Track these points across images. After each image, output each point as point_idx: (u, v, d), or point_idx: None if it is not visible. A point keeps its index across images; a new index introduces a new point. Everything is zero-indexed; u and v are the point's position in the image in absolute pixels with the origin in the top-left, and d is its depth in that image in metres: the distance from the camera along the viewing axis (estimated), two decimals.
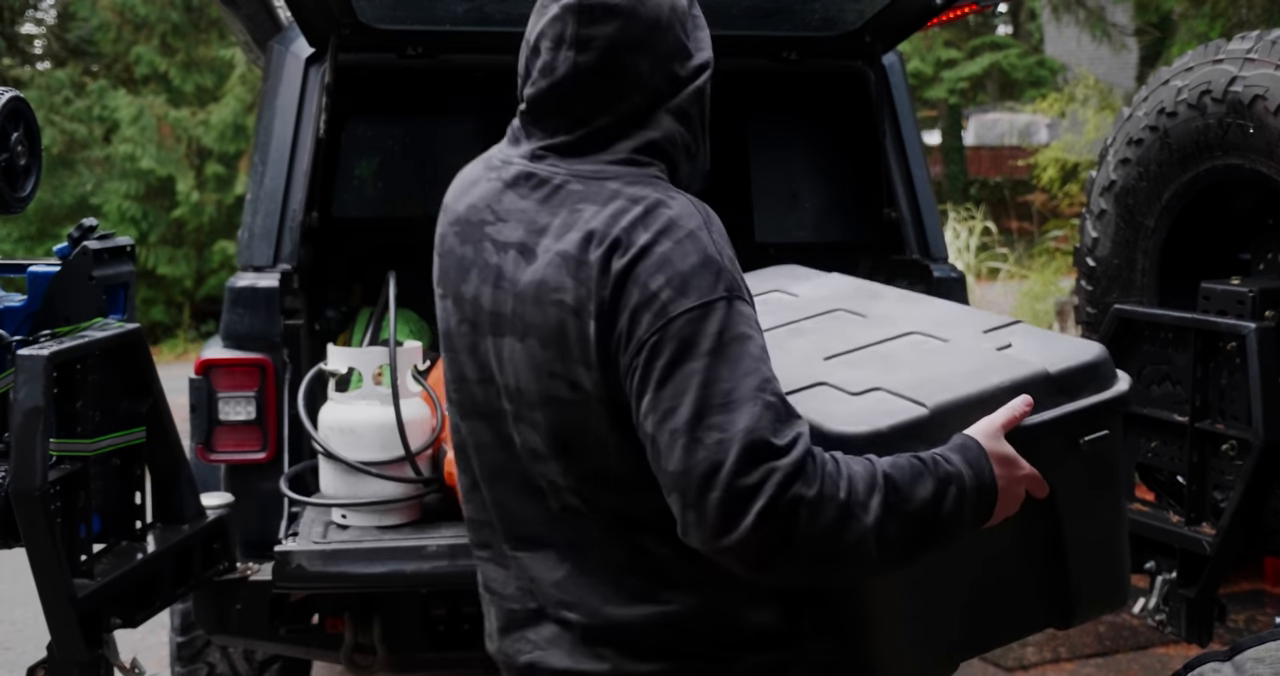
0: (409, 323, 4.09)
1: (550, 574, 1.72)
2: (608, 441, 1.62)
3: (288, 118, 3.59)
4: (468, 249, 1.74)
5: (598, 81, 1.67)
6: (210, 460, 3.26)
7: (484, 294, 1.71)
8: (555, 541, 1.72)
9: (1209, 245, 3.02)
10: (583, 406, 1.62)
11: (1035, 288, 11.90)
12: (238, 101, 16.09)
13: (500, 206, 1.72)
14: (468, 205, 1.77)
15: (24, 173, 2.70)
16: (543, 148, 1.71)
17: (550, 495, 1.70)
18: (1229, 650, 1.72)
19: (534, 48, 1.74)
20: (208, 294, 16.81)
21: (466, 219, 1.76)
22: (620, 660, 1.69)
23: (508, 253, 1.68)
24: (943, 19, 3.82)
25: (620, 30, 1.65)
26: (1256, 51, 2.71)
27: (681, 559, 1.63)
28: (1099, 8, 12.05)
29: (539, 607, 1.75)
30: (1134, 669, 5.00)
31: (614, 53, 1.66)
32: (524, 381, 1.66)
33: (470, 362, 1.75)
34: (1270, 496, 2.60)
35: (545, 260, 1.63)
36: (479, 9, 3.49)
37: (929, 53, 21.26)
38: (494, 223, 1.71)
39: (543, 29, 1.71)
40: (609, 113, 1.68)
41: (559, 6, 1.69)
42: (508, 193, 1.72)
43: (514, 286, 1.66)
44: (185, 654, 3.81)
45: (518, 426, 1.69)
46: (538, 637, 1.75)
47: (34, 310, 2.64)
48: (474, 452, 1.79)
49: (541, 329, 1.63)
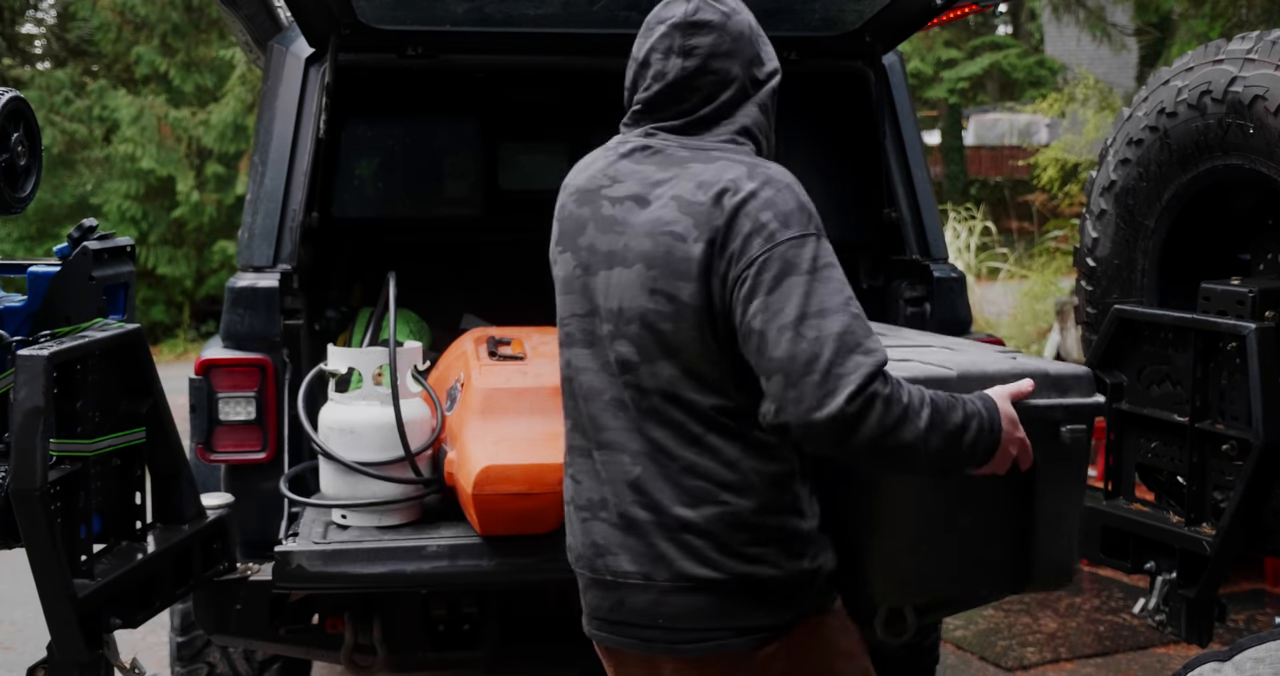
0: (409, 323, 4.09)
1: (626, 475, 2.06)
2: (695, 345, 2.00)
3: (288, 118, 3.59)
4: (584, 210, 2.15)
5: (701, 79, 2.10)
6: (210, 460, 3.26)
7: (599, 240, 2.11)
8: (632, 446, 2.06)
9: (1209, 245, 3.02)
10: (677, 316, 2.00)
11: (1035, 288, 11.89)
12: (238, 101, 16.08)
13: (615, 171, 2.13)
14: (587, 177, 2.18)
15: (24, 173, 2.70)
16: (655, 127, 2.14)
17: (633, 404, 2.05)
18: (1229, 650, 1.72)
19: (644, 61, 2.15)
20: (208, 294, 16.82)
21: (585, 188, 2.17)
22: (681, 560, 2.01)
23: (623, 204, 2.09)
24: (943, 19, 3.82)
25: (715, 41, 2.11)
26: (1256, 52, 2.71)
27: (745, 459, 2.01)
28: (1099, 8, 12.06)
29: (614, 512, 2.07)
30: (1134, 669, 5.00)
31: (712, 58, 2.11)
32: (626, 300, 2.05)
33: (580, 300, 2.13)
34: (1270, 496, 2.60)
35: (659, 204, 2.04)
36: (479, 9, 3.49)
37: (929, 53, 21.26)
38: (610, 185, 2.13)
39: (653, 44, 2.14)
40: (710, 103, 2.11)
41: (667, 25, 2.13)
42: (623, 161, 2.14)
43: (628, 227, 2.07)
44: (185, 654, 3.81)
45: (614, 344, 2.07)
46: (606, 540, 2.09)
47: (34, 310, 2.64)
48: (576, 376, 2.15)
49: (650, 255, 2.02)
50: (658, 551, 2.03)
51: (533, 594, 3.32)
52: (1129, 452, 2.92)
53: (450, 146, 5.38)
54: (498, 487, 2.78)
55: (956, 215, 13.17)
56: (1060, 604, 5.78)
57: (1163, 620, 2.73)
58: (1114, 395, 2.91)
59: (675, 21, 2.12)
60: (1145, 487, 2.95)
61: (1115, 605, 5.72)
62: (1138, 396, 2.88)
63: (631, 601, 2.06)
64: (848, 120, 4.07)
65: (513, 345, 3.29)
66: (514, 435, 2.90)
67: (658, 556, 2.03)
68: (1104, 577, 6.10)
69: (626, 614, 2.08)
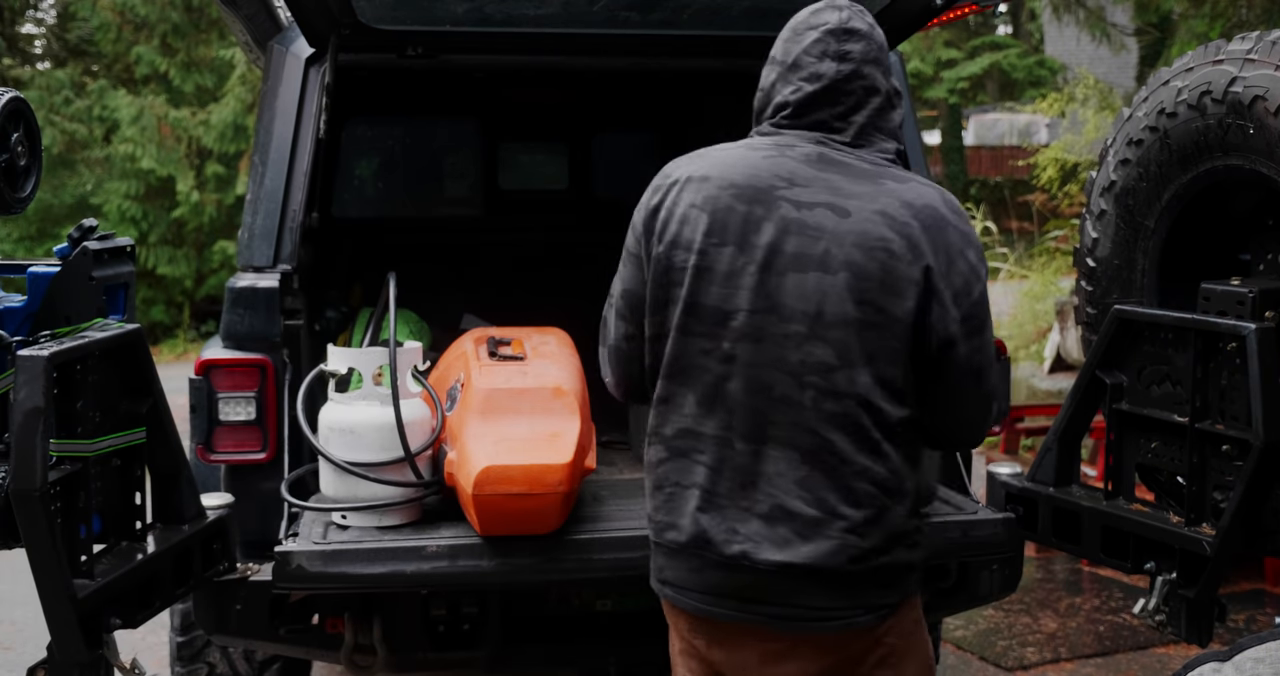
0: (409, 323, 4.09)
1: (792, 472, 2.15)
2: (894, 356, 2.14)
3: (288, 118, 3.59)
4: (757, 208, 2.19)
5: (853, 84, 2.24)
6: (210, 460, 3.26)
7: (785, 241, 2.17)
8: (802, 445, 2.14)
9: (1209, 245, 3.02)
10: (883, 327, 2.13)
11: (1035, 288, 11.90)
12: (238, 101, 16.08)
13: (790, 174, 2.20)
14: (747, 175, 2.22)
15: (24, 173, 2.70)
16: (827, 137, 2.25)
17: (813, 405, 2.14)
18: (1229, 650, 1.72)
19: (793, 64, 2.27)
20: (208, 294, 16.83)
21: (750, 185, 2.21)
22: (833, 555, 2.14)
23: (814, 210, 2.17)
24: (943, 19, 3.82)
25: (865, 48, 2.26)
26: (1256, 52, 2.71)
27: (904, 467, 2.19)
28: (1099, 8, 12.05)
29: (759, 503, 2.16)
30: (1134, 669, 5.00)
31: (864, 64, 2.25)
32: (829, 305, 2.13)
33: (753, 296, 2.17)
34: (1270, 496, 2.59)
35: (863, 216, 2.15)
36: (479, 9, 3.49)
37: (929, 53, 21.27)
38: (786, 187, 2.19)
39: (805, 49, 2.26)
40: (862, 109, 2.25)
41: (820, 31, 2.26)
42: (798, 165, 2.21)
43: (825, 233, 2.15)
44: (185, 654, 3.81)
45: (806, 345, 2.14)
46: (748, 530, 2.17)
47: (34, 310, 2.64)
48: (736, 368, 2.18)
49: (860, 267, 2.13)
50: (810, 545, 2.14)
51: (533, 594, 3.32)
52: (1129, 452, 2.92)
53: (450, 146, 5.38)
54: (498, 488, 2.78)
55: None
56: (1060, 604, 5.78)
57: (1163, 620, 2.72)
58: (1114, 395, 2.91)
59: (830, 27, 2.26)
60: (1145, 487, 2.95)
61: (1115, 605, 5.72)
62: (1138, 396, 2.88)
63: (768, 585, 2.17)
64: None
65: (513, 345, 3.29)
66: (514, 435, 2.90)
67: (809, 549, 2.14)
68: (1104, 577, 6.11)
69: (758, 594, 2.18)
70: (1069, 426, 3.04)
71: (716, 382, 2.20)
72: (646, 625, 3.30)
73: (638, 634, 3.34)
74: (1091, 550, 2.93)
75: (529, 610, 3.34)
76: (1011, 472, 3.22)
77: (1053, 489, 3.03)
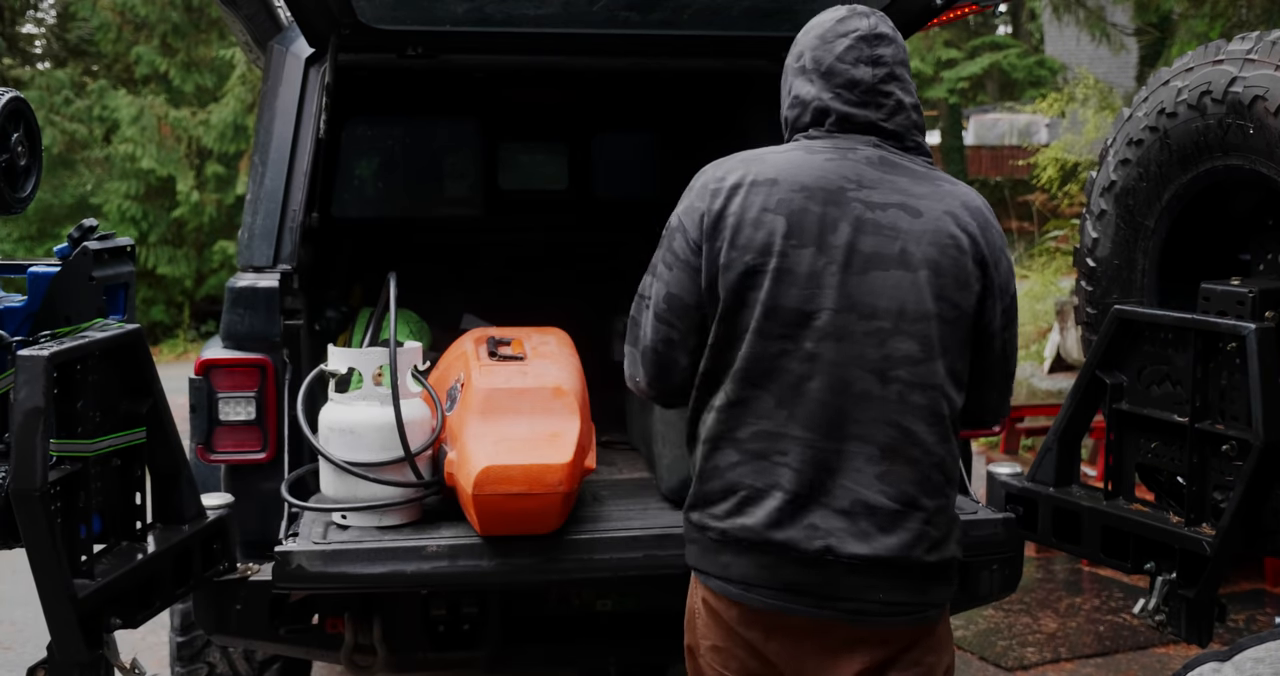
0: (409, 323, 4.09)
1: (871, 467, 2.23)
2: (960, 347, 2.29)
3: (288, 118, 3.59)
4: (831, 209, 2.26)
5: (890, 85, 2.34)
6: (210, 460, 3.26)
7: (861, 241, 2.25)
8: (880, 439, 2.23)
9: (1209, 245, 3.02)
10: (956, 321, 2.27)
11: (1035, 288, 11.90)
12: (238, 101, 16.08)
13: (858, 177, 2.28)
14: (816, 177, 2.28)
15: (24, 173, 2.71)
16: (881, 141, 2.34)
17: (897, 398, 2.23)
18: (1229, 650, 1.72)
19: (828, 71, 2.34)
20: (208, 294, 16.82)
21: (820, 187, 2.27)
22: (913, 547, 2.24)
23: (887, 210, 2.26)
24: (943, 19, 3.82)
25: (895, 51, 2.36)
26: (1256, 52, 2.71)
27: (956, 455, 2.33)
28: (1099, 8, 12.05)
29: (839, 498, 2.22)
30: (1134, 669, 5.00)
31: (895, 65, 2.35)
32: (910, 302, 2.24)
33: (833, 295, 2.23)
34: (1270, 496, 2.59)
35: (933, 216, 2.28)
36: (479, 9, 3.49)
37: (929, 53, 21.26)
38: (856, 189, 2.27)
39: (839, 55, 2.34)
40: (902, 113, 2.35)
41: (853, 37, 2.34)
42: (866, 168, 2.30)
43: (900, 233, 2.25)
44: (185, 654, 3.81)
45: (891, 340, 2.23)
46: (828, 526, 2.22)
47: (34, 310, 2.64)
48: (821, 366, 2.23)
49: (937, 263, 2.25)
50: (892, 537, 2.23)
51: (533, 594, 3.32)
52: (1129, 452, 2.92)
53: (450, 146, 5.38)
54: (497, 488, 2.78)
55: None
56: (1060, 604, 5.78)
57: (1163, 620, 2.72)
58: (1114, 395, 2.91)
59: (861, 33, 2.35)
60: (1145, 487, 2.95)
61: (1115, 605, 5.72)
62: (1138, 396, 2.88)
63: (848, 580, 2.23)
64: None
65: (513, 345, 3.29)
66: (514, 435, 2.90)
67: (891, 541, 2.23)
68: (1104, 577, 6.11)
69: (835, 590, 2.24)
70: (1069, 426, 3.04)
71: (797, 383, 2.24)
72: (646, 625, 3.30)
73: (638, 634, 3.34)
74: (1091, 550, 2.93)
75: (529, 610, 3.34)
76: (1011, 472, 3.22)
77: (1053, 489, 3.03)
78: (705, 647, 2.41)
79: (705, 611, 2.39)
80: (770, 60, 3.82)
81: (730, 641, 2.37)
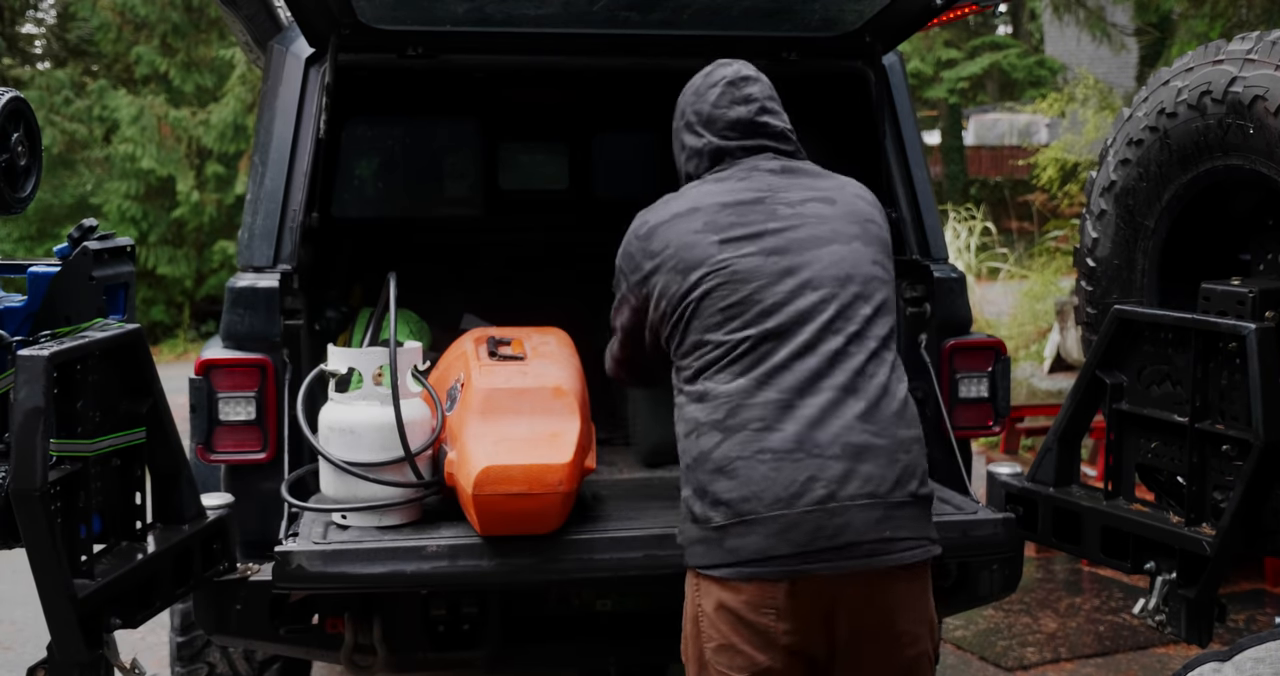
0: (409, 323, 4.09)
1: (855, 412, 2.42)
2: (892, 302, 2.61)
3: (288, 118, 3.59)
4: (755, 214, 2.57)
5: (765, 118, 2.70)
6: (210, 460, 3.26)
7: (797, 230, 2.56)
8: (861, 387, 2.45)
9: (1209, 246, 3.02)
10: (888, 279, 2.62)
11: (1035, 288, 11.90)
12: (238, 101, 16.08)
13: (773, 185, 2.63)
14: (732, 196, 2.60)
15: (24, 173, 2.71)
16: (779, 154, 2.70)
17: (863, 353, 2.47)
18: (1229, 650, 1.72)
19: (708, 120, 2.70)
20: (208, 294, 16.83)
21: (738, 201, 2.59)
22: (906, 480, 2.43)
23: (806, 205, 2.60)
24: (943, 19, 3.82)
25: (761, 87, 2.73)
26: (1256, 52, 2.71)
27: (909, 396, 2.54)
28: (1099, 8, 12.05)
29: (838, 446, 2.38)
30: (1134, 669, 5.00)
31: (766, 100, 2.72)
32: (856, 269, 2.55)
33: (789, 279, 2.50)
34: (1270, 496, 2.60)
35: (845, 199, 2.65)
36: (479, 9, 3.48)
37: (929, 53, 21.26)
38: (774, 193, 2.61)
39: (714, 102, 2.70)
40: (782, 136, 2.71)
41: (722, 84, 2.71)
42: (773, 178, 2.65)
43: (827, 219, 2.59)
44: (185, 654, 3.82)
45: (857, 303, 2.51)
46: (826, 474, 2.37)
47: (34, 310, 2.64)
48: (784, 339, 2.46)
49: (863, 236, 2.60)
50: (885, 471, 2.40)
51: (533, 594, 3.32)
52: (1129, 452, 2.92)
53: (450, 146, 5.37)
54: (498, 488, 2.78)
55: (956, 215, 13.17)
56: (1060, 604, 5.78)
57: (1163, 620, 2.72)
58: (1114, 395, 2.91)
59: (728, 79, 2.71)
60: (1145, 487, 2.95)
61: (1115, 605, 5.72)
62: (1138, 396, 2.88)
63: (858, 520, 2.37)
64: (848, 120, 4.07)
65: (513, 345, 3.28)
66: (514, 435, 2.90)
67: (885, 476, 2.40)
68: (1104, 577, 6.11)
69: (851, 535, 2.36)
70: (1069, 426, 3.04)
71: (768, 354, 2.46)
72: (646, 625, 3.30)
73: (638, 634, 3.34)
74: (1091, 550, 2.93)
75: (529, 610, 3.34)
76: (1011, 472, 3.22)
77: (1053, 489, 3.03)
78: (711, 650, 2.42)
79: (712, 611, 2.40)
80: (770, 60, 3.82)
81: (740, 634, 2.38)
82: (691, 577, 2.48)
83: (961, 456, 3.53)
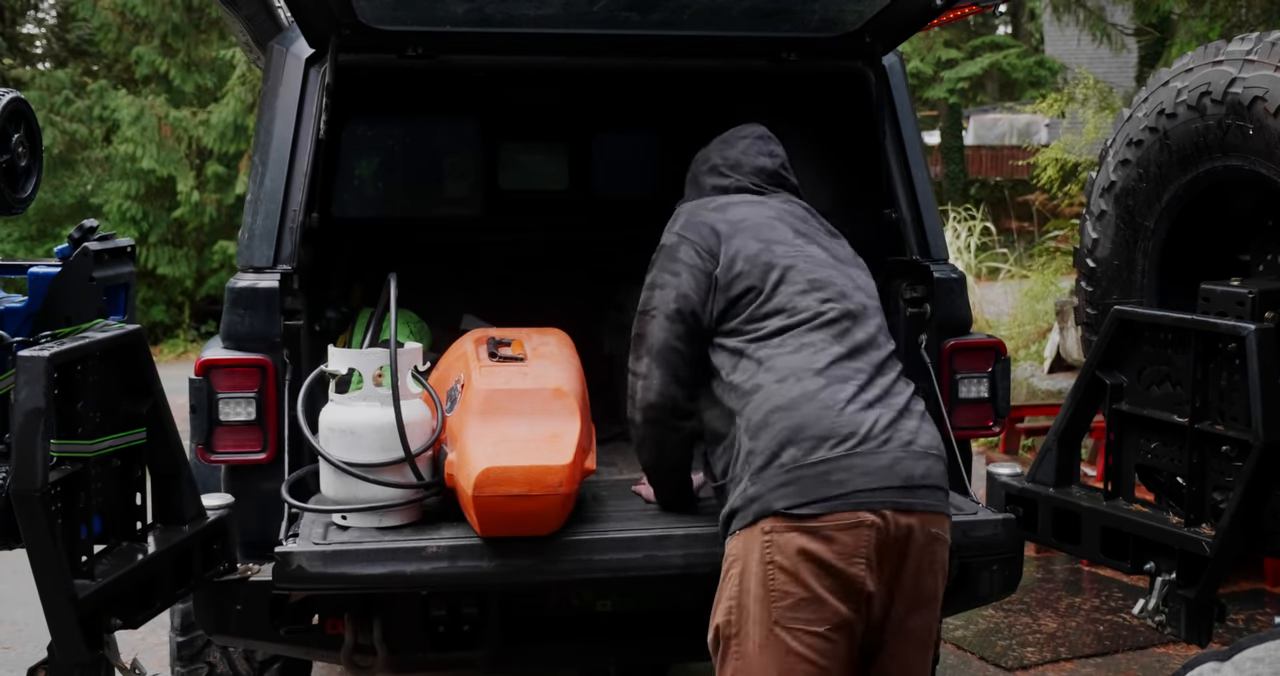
0: (409, 323, 4.09)
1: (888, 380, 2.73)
2: None
3: (288, 118, 3.59)
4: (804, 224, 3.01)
5: (785, 173, 3.16)
6: (210, 460, 3.26)
7: (818, 253, 2.92)
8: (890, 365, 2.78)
9: (1209, 246, 3.02)
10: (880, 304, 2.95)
11: (1035, 288, 11.90)
12: (238, 101, 16.10)
13: (780, 211, 3.00)
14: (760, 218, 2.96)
15: (25, 173, 2.71)
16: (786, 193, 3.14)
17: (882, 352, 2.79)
18: (1229, 650, 1.72)
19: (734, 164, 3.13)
20: (208, 294, 16.84)
21: (757, 224, 2.93)
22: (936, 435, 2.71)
23: (822, 234, 3.02)
24: (943, 19, 3.82)
25: (782, 149, 3.19)
26: (1256, 53, 2.71)
27: None
28: (1099, 8, 12.04)
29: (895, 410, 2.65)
30: (1134, 669, 5.00)
31: (785, 160, 3.17)
32: (860, 280, 2.92)
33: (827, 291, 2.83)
34: (1270, 497, 2.60)
35: (841, 239, 3.07)
36: (479, 9, 3.48)
37: (929, 53, 21.29)
38: (788, 218, 2.99)
39: (743, 150, 3.15)
40: (799, 192, 3.17)
41: (751, 137, 3.18)
42: (786, 205, 3.05)
43: (839, 245, 3.02)
44: (185, 654, 3.81)
45: (869, 310, 2.84)
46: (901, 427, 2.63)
47: (34, 311, 2.65)
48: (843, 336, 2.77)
49: (862, 265, 3.00)
50: (931, 429, 2.70)
51: (533, 594, 3.32)
52: (1129, 453, 2.92)
53: (450, 146, 5.38)
54: (498, 489, 2.78)
55: (956, 215, 13.17)
56: (1060, 604, 5.78)
57: (1162, 620, 2.73)
58: (1114, 395, 2.91)
59: (758, 135, 3.18)
60: (1145, 488, 2.96)
61: (1115, 605, 5.72)
62: (1138, 397, 2.88)
63: (934, 467, 2.63)
64: (848, 120, 4.07)
65: (513, 346, 3.28)
66: (514, 436, 2.90)
67: (933, 432, 2.70)
68: (1104, 577, 6.11)
69: (932, 479, 2.62)
70: (1069, 426, 3.04)
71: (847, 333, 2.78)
72: (646, 625, 3.30)
73: (638, 634, 3.34)
74: (1091, 550, 2.94)
75: (529, 610, 3.34)
76: (1011, 473, 3.22)
77: (1053, 489, 3.03)
78: (787, 607, 2.45)
79: (791, 561, 2.47)
80: (770, 61, 3.82)
81: (824, 583, 2.46)
82: (753, 535, 2.51)
83: (961, 456, 3.53)
